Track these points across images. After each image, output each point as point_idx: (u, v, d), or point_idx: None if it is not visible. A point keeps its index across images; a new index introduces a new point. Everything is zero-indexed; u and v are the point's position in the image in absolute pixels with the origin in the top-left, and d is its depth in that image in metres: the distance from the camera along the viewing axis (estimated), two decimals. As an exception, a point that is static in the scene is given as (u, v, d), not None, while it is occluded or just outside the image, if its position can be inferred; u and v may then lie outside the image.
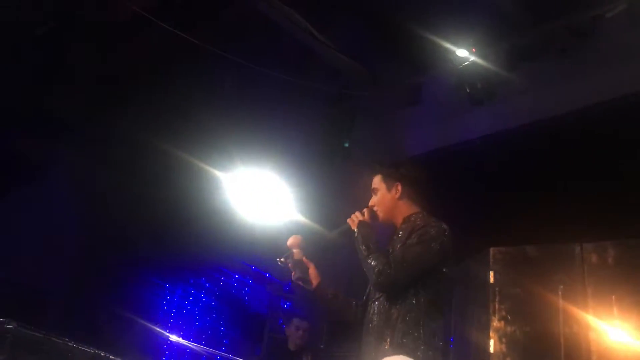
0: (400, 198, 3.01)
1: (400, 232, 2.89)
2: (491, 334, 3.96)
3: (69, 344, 3.24)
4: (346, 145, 6.50)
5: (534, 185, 5.27)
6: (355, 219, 3.01)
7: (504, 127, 5.79)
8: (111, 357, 3.46)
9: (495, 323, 3.98)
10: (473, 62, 5.43)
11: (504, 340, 3.95)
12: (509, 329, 3.95)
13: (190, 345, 5.28)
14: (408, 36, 5.69)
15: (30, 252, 6.04)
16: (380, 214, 3.01)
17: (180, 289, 7.27)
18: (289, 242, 3.17)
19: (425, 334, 2.60)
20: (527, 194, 5.24)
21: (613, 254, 3.85)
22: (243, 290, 7.05)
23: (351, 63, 6.42)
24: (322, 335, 5.58)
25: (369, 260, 2.74)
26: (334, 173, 6.49)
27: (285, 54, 6.29)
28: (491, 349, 3.93)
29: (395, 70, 6.61)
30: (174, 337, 5.14)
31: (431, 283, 2.71)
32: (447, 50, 5.49)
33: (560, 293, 3.81)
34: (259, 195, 5.45)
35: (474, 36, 5.38)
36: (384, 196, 3.04)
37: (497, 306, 4.01)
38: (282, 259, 3.14)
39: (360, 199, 6.16)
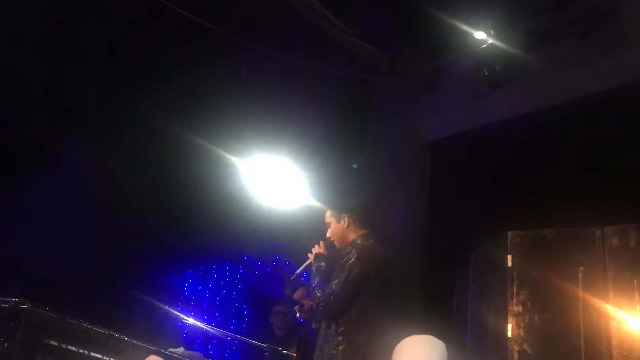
0: (347, 226, 3.57)
1: (343, 254, 3.44)
2: (509, 319, 3.89)
3: (84, 325, 3.25)
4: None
5: (553, 169, 5.18)
6: (315, 251, 3.52)
7: (523, 110, 5.70)
8: (126, 338, 3.47)
9: (513, 307, 3.91)
10: (492, 45, 5.34)
11: (521, 325, 3.88)
12: (527, 313, 3.88)
13: (208, 329, 5.30)
14: (425, 19, 5.62)
15: (47, 236, 6.09)
16: (336, 243, 3.57)
17: (198, 274, 7.30)
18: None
19: (358, 344, 3.22)
20: (546, 177, 5.16)
21: (635, 238, 3.75)
22: (260, 275, 7.06)
23: (368, 48, 6.36)
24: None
25: (315, 292, 3.34)
26: (350, 159, 6.45)
27: (301, 39, 6.25)
28: (509, 334, 3.86)
29: (413, 54, 6.54)
30: (191, 320, 5.17)
31: (361, 299, 3.29)
32: (465, 33, 5.40)
33: (580, 277, 3.72)
34: (274, 181, 5.44)
35: (493, 18, 5.29)
36: (335, 227, 3.59)
37: (515, 290, 3.93)
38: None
39: (376, 185, 6.13)
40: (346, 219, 3.58)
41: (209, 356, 5.00)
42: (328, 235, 3.59)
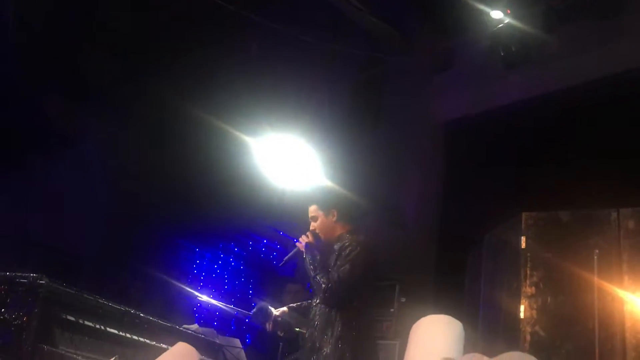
0: (337, 221, 3.65)
1: (336, 247, 3.57)
2: (522, 300, 3.90)
3: (100, 301, 3.28)
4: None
5: (569, 150, 5.14)
6: (303, 241, 3.60)
7: (539, 91, 5.63)
8: (141, 314, 3.50)
9: (526, 289, 3.91)
10: (508, 24, 5.26)
11: (534, 306, 3.89)
12: (540, 295, 3.89)
13: (220, 305, 5.34)
14: (441, -2, 5.56)
15: (63, 216, 6.14)
16: (322, 236, 3.64)
17: (210, 253, 7.34)
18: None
19: (359, 328, 3.38)
20: (561, 159, 5.12)
21: (651, 220, 3.74)
22: (271, 255, 7.09)
23: (382, 26, 6.29)
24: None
25: (317, 279, 3.43)
26: (363, 138, 6.42)
27: (315, 16, 6.19)
28: (521, 315, 3.87)
29: (428, 34, 6.47)
30: (204, 297, 5.21)
31: (361, 290, 3.46)
32: (481, 12, 5.32)
33: (595, 260, 3.71)
34: (287, 160, 5.43)
35: (509, -4, 5.22)
36: (323, 221, 3.66)
37: (528, 272, 3.94)
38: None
39: (389, 165, 6.11)
40: (335, 213, 3.66)
41: (222, 333, 5.05)
42: (313, 228, 3.69)
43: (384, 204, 6.18)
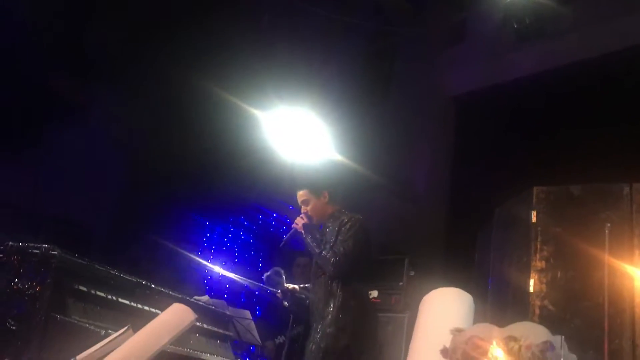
0: (328, 202, 3.84)
1: (329, 225, 3.77)
2: (531, 274, 3.89)
3: (112, 272, 3.31)
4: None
5: (581, 124, 5.09)
6: (300, 223, 3.80)
7: (551, 65, 5.56)
8: (152, 285, 3.53)
9: (536, 263, 3.90)
10: (522, -4, 5.18)
11: (544, 280, 3.88)
12: (550, 269, 3.87)
13: (231, 276, 5.39)
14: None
15: (74, 189, 6.17)
16: (315, 217, 3.84)
17: (220, 226, 7.37)
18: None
19: (358, 300, 3.60)
20: (574, 132, 5.07)
21: (664, 195, 3.70)
22: (281, 229, 7.11)
23: (393, -2, 6.22)
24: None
25: (323, 254, 3.63)
26: (373, 111, 6.38)
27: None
28: (530, 289, 3.86)
29: (440, 5, 6.38)
30: (217, 268, 5.26)
31: (360, 265, 3.66)
32: (494, -16, 5.25)
33: (606, 234, 3.68)
34: (297, 134, 5.42)
35: (524, -32, 5.13)
36: (315, 204, 3.84)
37: (538, 246, 3.92)
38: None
39: (399, 138, 6.08)
40: (326, 194, 3.84)
41: (233, 305, 5.10)
42: (305, 211, 3.86)
43: (394, 178, 6.17)
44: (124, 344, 2.15)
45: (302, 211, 3.88)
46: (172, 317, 2.32)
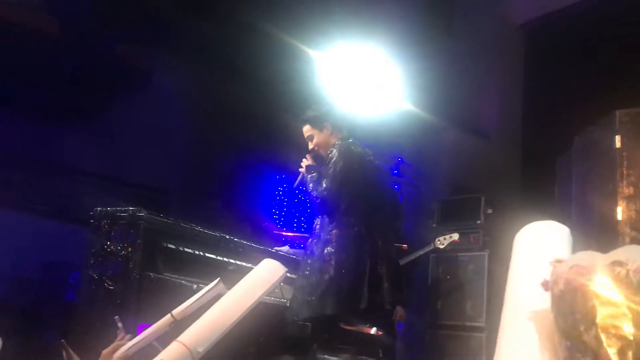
0: (331, 133, 3.83)
1: (330, 155, 3.72)
2: (619, 202, 3.73)
3: (196, 228, 3.40)
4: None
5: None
6: (303, 165, 3.81)
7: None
8: (235, 239, 3.62)
9: (623, 190, 3.73)
10: None
11: (632, 207, 3.72)
12: (638, 195, 3.71)
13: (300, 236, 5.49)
14: None
15: (145, 155, 6.33)
16: (322, 152, 3.81)
17: (290, 182, 7.41)
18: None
19: (344, 235, 3.55)
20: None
21: None
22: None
23: None
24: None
25: (313, 195, 3.67)
26: (436, 48, 6.14)
27: None
28: (619, 217, 3.72)
29: None
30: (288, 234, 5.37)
31: (348, 199, 3.62)
32: None
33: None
34: (359, 78, 5.24)
35: None
36: (319, 137, 3.84)
37: (624, 172, 3.74)
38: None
39: (465, 76, 5.86)
40: (328, 126, 3.83)
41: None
42: (312, 147, 3.86)
43: (464, 116, 6.01)
44: (221, 299, 2.24)
45: (309, 147, 3.87)
46: (265, 272, 2.40)
